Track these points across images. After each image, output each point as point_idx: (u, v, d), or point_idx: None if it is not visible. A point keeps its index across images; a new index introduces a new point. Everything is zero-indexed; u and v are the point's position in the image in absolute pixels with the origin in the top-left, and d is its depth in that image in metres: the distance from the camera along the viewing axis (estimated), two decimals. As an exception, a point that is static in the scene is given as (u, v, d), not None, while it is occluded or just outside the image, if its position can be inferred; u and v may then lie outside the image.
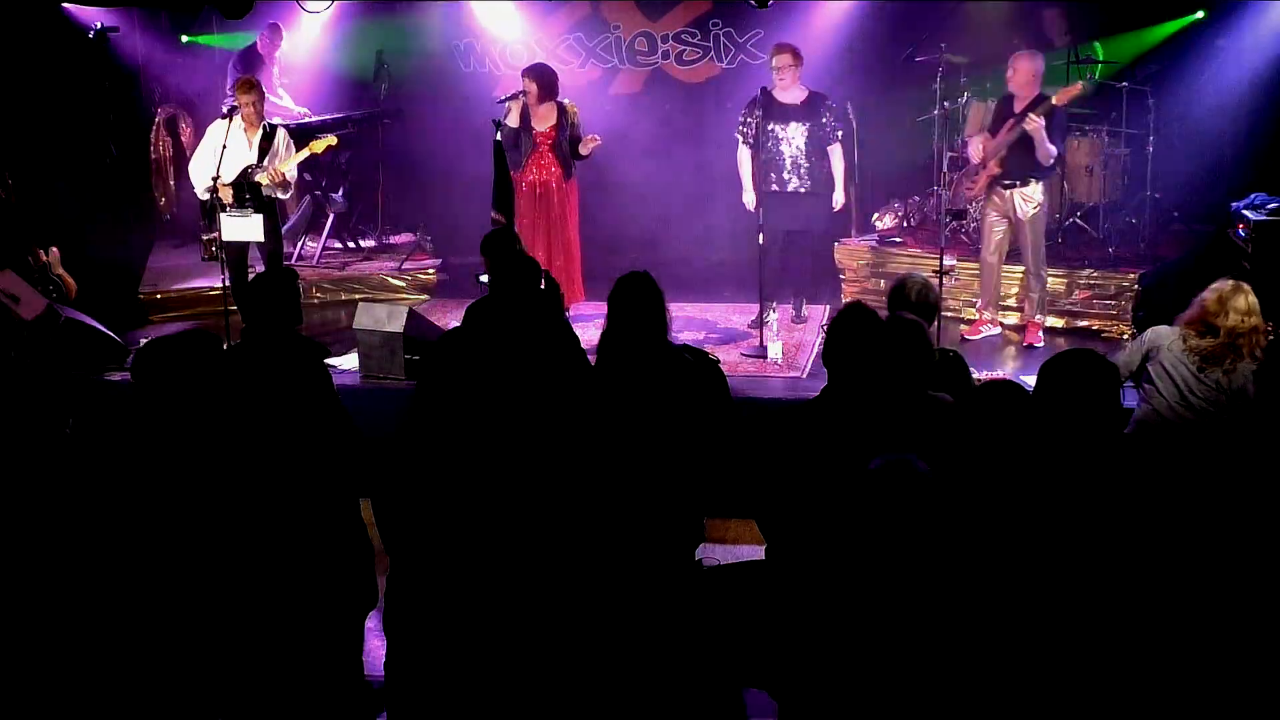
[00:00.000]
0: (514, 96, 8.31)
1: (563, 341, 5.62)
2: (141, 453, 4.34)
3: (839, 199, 8.41)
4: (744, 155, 8.37)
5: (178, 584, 3.95)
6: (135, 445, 4.38)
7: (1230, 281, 5.46)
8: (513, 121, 8.28)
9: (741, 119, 8.37)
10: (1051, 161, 7.85)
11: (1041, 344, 8.09)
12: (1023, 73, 7.76)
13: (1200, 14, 8.98)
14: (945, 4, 9.24)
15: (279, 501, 3.90)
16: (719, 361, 5.47)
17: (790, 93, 8.22)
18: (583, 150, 8.32)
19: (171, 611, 3.95)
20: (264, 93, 8.47)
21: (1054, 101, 7.66)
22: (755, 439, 4.65)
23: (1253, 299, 5.37)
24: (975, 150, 8.06)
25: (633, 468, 3.90)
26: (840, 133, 8.34)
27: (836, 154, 8.32)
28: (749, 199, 8.38)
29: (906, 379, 4.26)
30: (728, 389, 5.06)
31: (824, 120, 8.25)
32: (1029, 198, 7.90)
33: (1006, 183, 7.89)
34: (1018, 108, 7.80)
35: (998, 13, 9.38)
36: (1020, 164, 7.83)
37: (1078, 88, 7.82)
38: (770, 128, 8.18)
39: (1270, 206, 7.98)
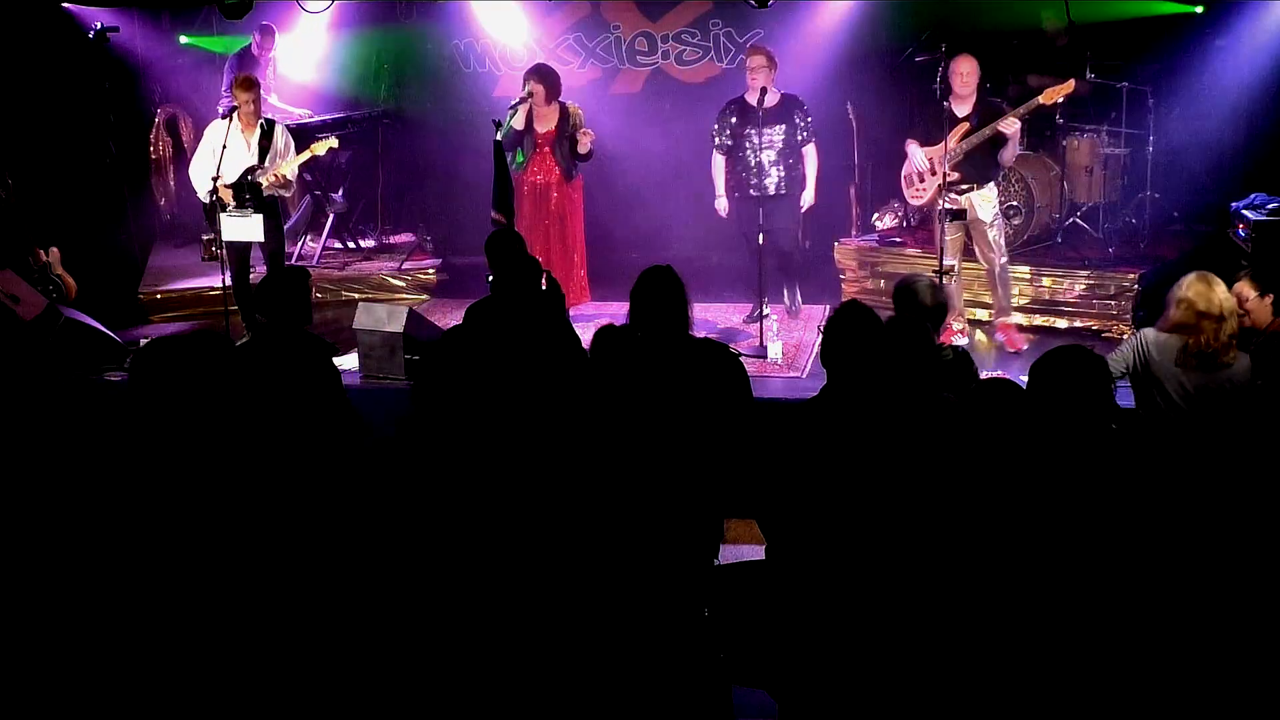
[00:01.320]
0: (522, 100, 8.31)
1: (563, 341, 5.62)
2: (147, 453, 4.35)
3: (808, 199, 8.37)
4: (718, 162, 8.42)
5: (184, 584, 3.95)
6: (140, 446, 4.39)
7: (1194, 274, 5.30)
8: (519, 124, 8.28)
9: (715, 126, 8.38)
10: (1009, 163, 7.86)
11: (1024, 346, 8.04)
12: (969, 74, 7.70)
13: (1199, 9, 8.96)
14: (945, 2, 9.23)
15: (287, 499, 3.90)
16: (740, 356, 5.46)
17: (765, 96, 8.12)
18: (580, 149, 8.32)
19: (178, 612, 3.95)
20: (261, 90, 8.47)
21: (1042, 101, 7.61)
22: (756, 438, 4.65)
23: (1221, 287, 5.20)
24: (920, 157, 7.93)
25: (649, 465, 3.90)
26: (814, 134, 8.30)
27: (810, 155, 8.31)
28: (721, 205, 8.44)
29: (910, 379, 4.27)
30: (748, 384, 5.06)
31: (798, 122, 8.23)
32: (987, 199, 7.87)
33: (963, 187, 7.81)
34: (960, 110, 7.74)
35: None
36: (978, 167, 7.78)
37: (1069, 85, 7.71)
38: (747, 132, 8.17)
39: (1270, 206, 7.98)
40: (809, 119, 8.31)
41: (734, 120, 8.26)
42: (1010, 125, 7.55)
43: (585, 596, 3.41)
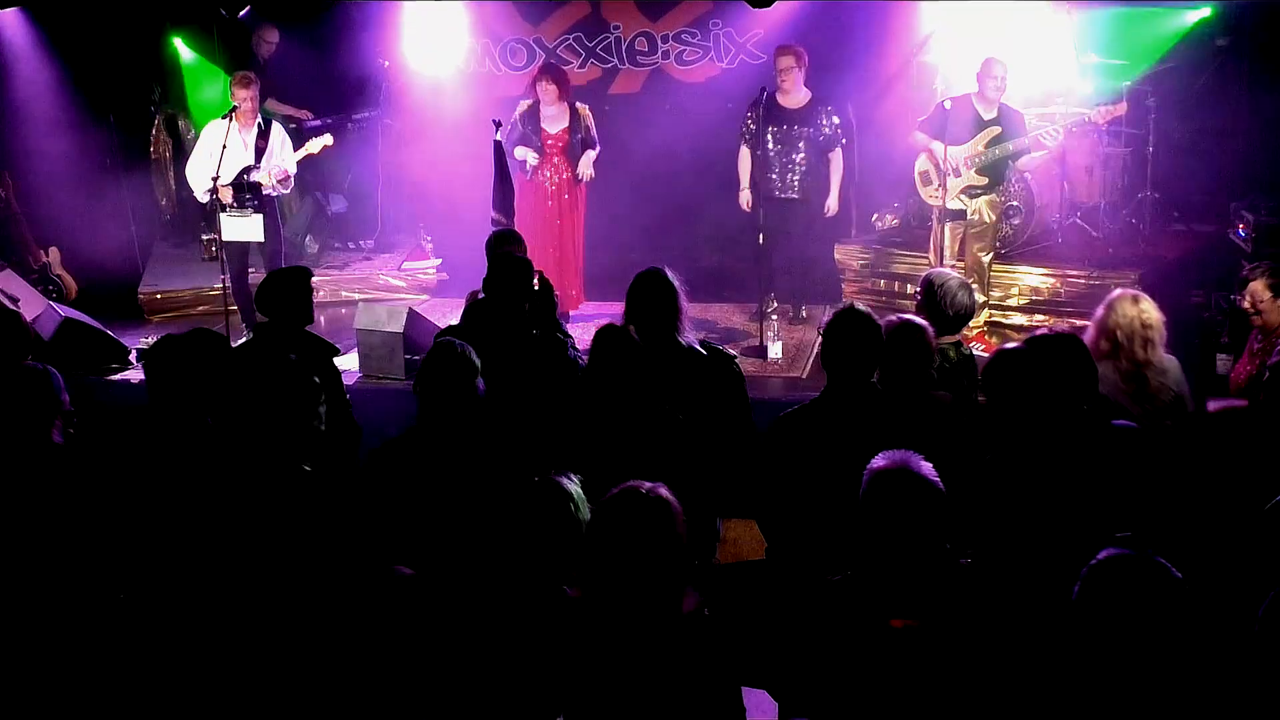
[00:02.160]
0: (532, 146, 8.28)
1: (555, 341, 5.60)
2: (148, 452, 4.34)
3: (832, 205, 8.33)
4: (744, 155, 8.32)
5: (182, 583, 3.95)
6: (142, 444, 4.39)
7: (1117, 290, 5.09)
8: (534, 161, 8.30)
9: (745, 119, 8.33)
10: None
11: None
12: (1003, 77, 7.66)
13: (1209, 11, 8.94)
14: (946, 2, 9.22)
15: (285, 498, 3.90)
16: (736, 358, 5.46)
17: (792, 96, 8.17)
18: (585, 177, 8.33)
19: (176, 611, 3.95)
20: (257, 88, 8.44)
21: (1092, 118, 7.68)
22: (756, 439, 4.65)
23: (1145, 303, 4.92)
24: (943, 155, 7.79)
25: (643, 465, 3.89)
26: (843, 139, 8.29)
27: (836, 159, 8.26)
28: (744, 198, 8.33)
29: (908, 380, 4.27)
30: (744, 386, 5.06)
31: (823, 125, 8.19)
32: (995, 203, 7.88)
33: (982, 191, 7.79)
34: (987, 113, 7.71)
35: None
36: (1001, 170, 7.81)
37: (1122, 108, 7.81)
38: (769, 131, 8.16)
39: (1270, 206, 7.99)
40: (836, 121, 8.23)
41: (756, 115, 8.14)
42: (1055, 138, 7.59)
43: (581, 595, 3.41)
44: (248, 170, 8.18)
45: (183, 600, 3.95)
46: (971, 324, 7.98)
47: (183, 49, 10.33)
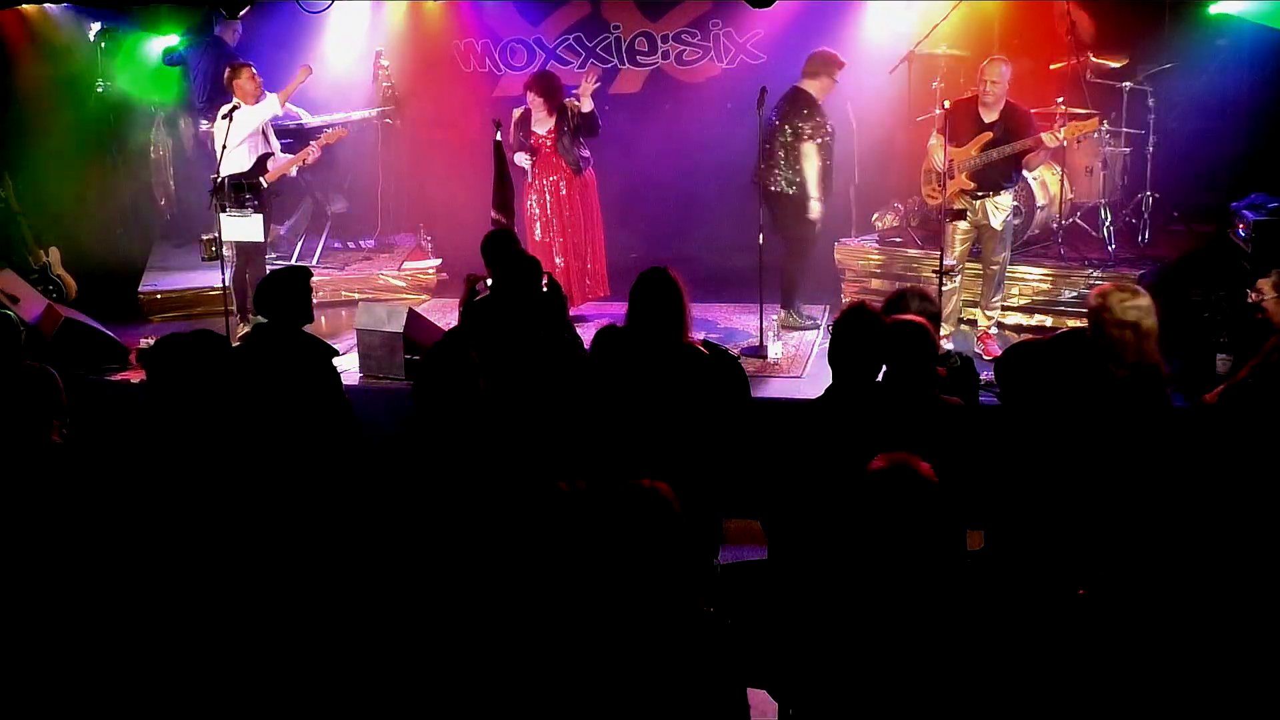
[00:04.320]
0: (526, 150, 8.29)
1: (565, 343, 5.61)
2: (148, 452, 4.34)
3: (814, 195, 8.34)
4: (810, 158, 8.23)
5: (182, 583, 3.95)
6: (142, 445, 4.39)
7: (1106, 285, 4.86)
8: (527, 163, 8.35)
9: (819, 121, 8.23)
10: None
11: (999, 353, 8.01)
12: (997, 81, 7.59)
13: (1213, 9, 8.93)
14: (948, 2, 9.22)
15: (285, 499, 3.90)
16: (739, 358, 5.46)
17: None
18: (582, 105, 8.28)
19: (176, 610, 3.95)
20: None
21: (1063, 139, 7.64)
22: (758, 439, 4.66)
23: (1144, 297, 4.69)
24: (939, 158, 7.74)
25: (646, 465, 3.90)
26: (812, 132, 8.27)
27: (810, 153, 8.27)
28: (819, 208, 8.28)
29: (911, 381, 4.27)
30: (747, 385, 5.06)
31: (801, 119, 8.19)
32: (1001, 206, 7.81)
33: (979, 194, 7.76)
34: (987, 116, 7.66)
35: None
36: (996, 175, 7.73)
37: (1093, 123, 7.82)
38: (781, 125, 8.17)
39: (1270, 206, 7.97)
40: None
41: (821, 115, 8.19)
42: (1048, 144, 7.59)
43: (583, 595, 3.41)
44: (267, 157, 8.42)
45: (181, 599, 3.95)
46: (980, 325, 8.00)
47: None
